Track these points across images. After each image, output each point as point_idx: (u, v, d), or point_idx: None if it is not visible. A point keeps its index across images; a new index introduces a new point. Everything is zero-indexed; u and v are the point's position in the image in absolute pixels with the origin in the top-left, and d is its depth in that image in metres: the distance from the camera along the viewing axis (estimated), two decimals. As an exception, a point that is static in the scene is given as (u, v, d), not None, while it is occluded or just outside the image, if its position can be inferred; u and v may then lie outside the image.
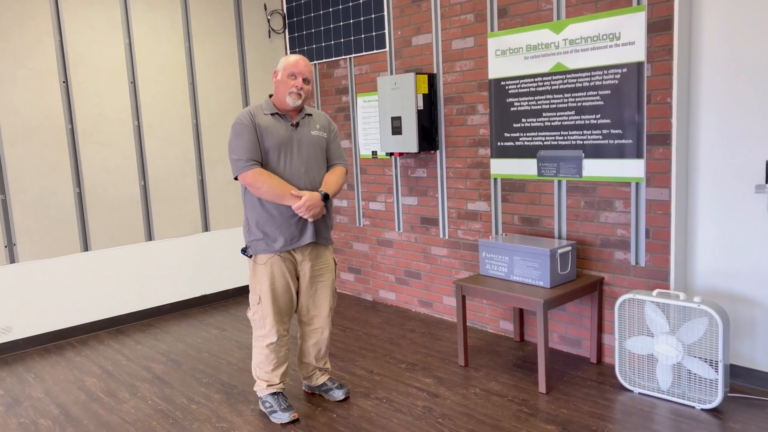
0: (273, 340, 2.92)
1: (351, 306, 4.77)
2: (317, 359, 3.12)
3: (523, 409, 2.95)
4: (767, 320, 2.94)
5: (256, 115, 2.82)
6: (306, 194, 2.79)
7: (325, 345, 3.10)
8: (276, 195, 2.76)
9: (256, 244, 2.87)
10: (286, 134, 2.84)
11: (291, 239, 2.86)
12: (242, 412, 3.09)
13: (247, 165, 2.76)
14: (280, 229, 2.83)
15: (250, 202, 2.87)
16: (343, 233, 5.07)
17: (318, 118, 2.99)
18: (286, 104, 2.84)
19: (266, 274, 2.86)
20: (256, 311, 2.93)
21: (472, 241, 4.06)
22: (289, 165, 2.83)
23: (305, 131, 2.90)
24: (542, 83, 3.53)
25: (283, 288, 2.91)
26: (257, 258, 2.88)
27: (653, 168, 3.14)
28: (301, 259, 2.93)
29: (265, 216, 2.83)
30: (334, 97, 4.95)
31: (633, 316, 3.05)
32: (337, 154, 3.03)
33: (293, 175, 2.83)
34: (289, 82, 2.81)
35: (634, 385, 3.09)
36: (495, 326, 4.02)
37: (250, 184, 2.77)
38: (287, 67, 2.82)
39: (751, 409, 2.82)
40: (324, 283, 3.02)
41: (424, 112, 4.07)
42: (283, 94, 2.83)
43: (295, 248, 2.90)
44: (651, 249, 3.19)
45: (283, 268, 2.88)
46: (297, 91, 2.81)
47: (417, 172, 4.36)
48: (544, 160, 3.58)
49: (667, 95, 3.04)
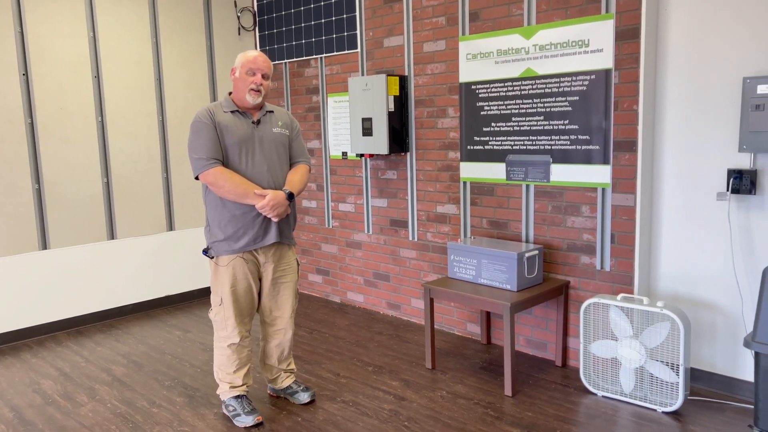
0: (235, 341, 2.87)
1: (319, 308, 4.73)
2: (280, 360, 3.08)
3: (489, 412, 2.96)
4: (727, 325, 3.00)
5: (216, 113, 2.76)
6: (270, 193, 2.74)
7: (288, 346, 3.06)
8: (239, 194, 2.71)
9: (218, 245, 2.81)
10: (247, 132, 2.79)
11: (254, 239, 2.81)
12: (205, 415, 3.02)
13: (208, 164, 2.69)
14: (244, 228, 2.78)
15: (211, 202, 2.80)
16: (311, 234, 5.03)
17: (280, 116, 2.95)
18: (246, 102, 2.79)
19: (228, 276, 2.81)
20: (218, 312, 2.87)
21: (441, 244, 4.07)
22: (252, 163, 2.78)
23: (267, 129, 2.85)
24: (512, 88, 3.55)
25: (245, 290, 2.86)
26: (219, 259, 2.83)
27: (619, 174, 3.18)
28: (264, 261, 2.89)
29: (227, 216, 2.77)
30: (304, 97, 4.90)
31: (598, 320, 3.08)
32: (299, 152, 2.99)
33: (256, 174, 2.78)
34: (248, 79, 2.76)
35: (598, 388, 3.12)
36: (462, 329, 4.03)
37: (211, 183, 2.71)
38: (245, 64, 2.76)
39: (710, 412, 2.88)
40: (287, 284, 2.98)
41: (395, 114, 4.06)
42: (242, 92, 2.78)
43: (258, 249, 2.85)
44: (616, 254, 3.24)
45: (246, 269, 2.83)
46: (256, 87, 2.76)
47: (387, 174, 4.35)
48: (512, 164, 3.61)
49: (633, 102, 3.09)
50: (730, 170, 2.87)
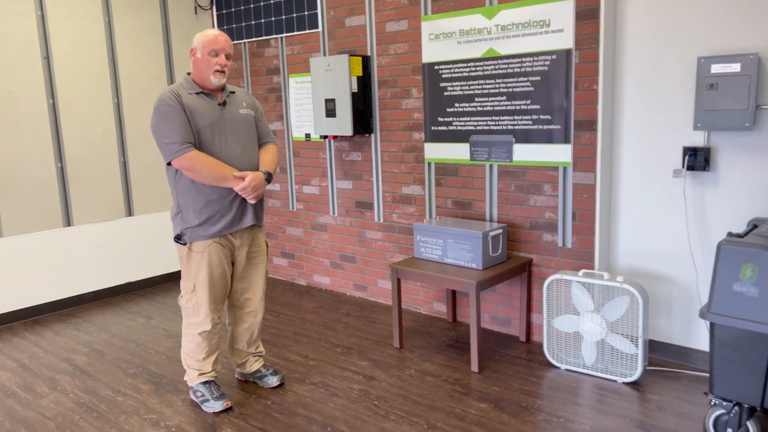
0: (207, 328, 2.83)
1: (284, 291, 4.71)
2: (249, 344, 3.06)
3: (457, 388, 3.02)
4: (683, 298, 3.12)
5: (181, 95, 2.67)
6: (249, 174, 2.71)
7: (258, 329, 3.05)
8: (217, 177, 2.66)
9: (192, 231, 2.74)
10: (216, 114, 2.73)
11: (231, 223, 2.78)
12: (172, 402, 2.99)
13: (183, 148, 2.61)
14: (221, 212, 2.74)
15: (183, 188, 2.72)
16: (276, 217, 4.98)
17: (242, 96, 2.90)
18: (210, 83, 2.72)
19: (204, 262, 2.76)
20: (190, 299, 2.82)
21: (407, 225, 4.09)
22: (225, 146, 2.73)
23: (234, 110, 2.80)
24: (475, 68, 3.57)
25: (221, 275, 2.83)
26: (194, 245, 2.76)
27: (580, 153, 3.25)
28: (239, 244, 2.86)
29: (202, 200, 2.71)
30: (264, 78, 4.82)
31: (560, 296, 3.16)
32: (266, 132, 2.97)
33: (231, 156, 2.73)
34: (212, 60, 2.69)
35: (561, 361, 3.22)
36: (428, 308, 4.08)
37: (188, 168, 2.63)
38: (207, 44, 2.68)
39: (667, 381, 3.00)
40: (258, 265, 2.98)
41: (359, 94, 4.03)
42: (206, 74, 2.70)
43: (235, 232, 2.82)
44: (577, 231, 3.32)
45: (221, 254, 2.80)
46: (221, 68, 2.70)
47: (352, 156, 4.33)
48: (476, 144, 3.64)
49: (593, 82, 3.15)
50: (686, 148, 2.96)
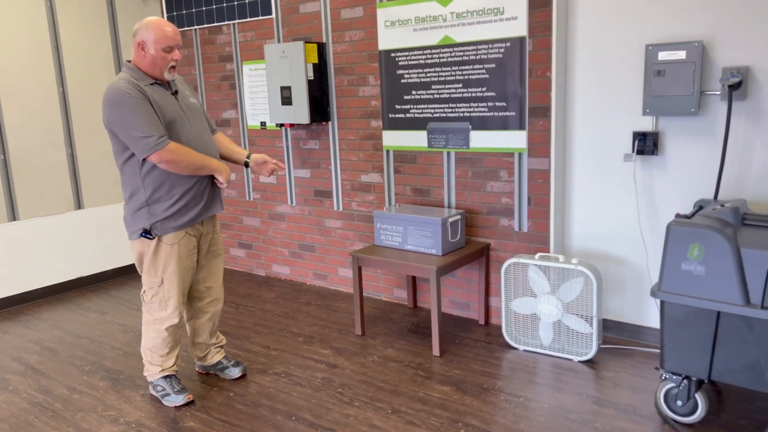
0: (174, 322, 2.78)
1: (243, 282, 4.66)
2: (212, 334, 3.03)
3: (419, 372, 3.06)
4: (634, 278, 3.24)
5: (141, 87, 2.56)
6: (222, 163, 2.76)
7: (218, 318, 3.04)
8: (197, 167, 2.62)
9: (163, 223, 2.66)
10: (174, 104, 2.67)
11: (203, 210, 2.77)
12: (131, 398, 2.93)
13: (161, 141, 2.51)
14: (194, 200, 2.72)
15: (155, 180, 2.62)
16: (232, 208, 4.91)
17: (183, 84, 2.84)
18: (162, 77, 2.64)
19: (174, 255, 2.70)
20: (156, 293, 2.75)
21: (366, 213, 4.10)
22: (190, 135, 2.68)
23: (185, 98, 2.76)
24: (431, 56, 3.59)
25: (189, 266, 2.79)
26: (164, 238, 2.69)
27: (534, 139, 3.32)
28: (205, 232, 2.85)
29: (179, 191, 2.65)
30: (217, 65, 4.72)
31: (517, 279, 3.24)
32: (210, 120, 2.97)
33: (199, 144, 2.70)
34: (167, 57, 2.60)
35: (519, 343, 3.30)
36: (389, 294, 4.11)
37: (168, 160, 2.53)
38: (159, 40, 2.56)
39: (620, 358, 3.12)
40: (218, 252, 2.97)
41: (315, 82, 4.00)
42: (160, 69, 2.61)
43: (204, 220, 2.81)
44: (533, 215, 3.40)
45: (190, 245, 2.76)
46: (176, 64, 2.65)
47: (309, 144, 4.30)
48: (433, 132, 3.67)
49: (546, 69, 3.21)
50: (635, 133, 3.06)
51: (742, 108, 2.80)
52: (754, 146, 2.80)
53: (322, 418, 2.67)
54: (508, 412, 2.66)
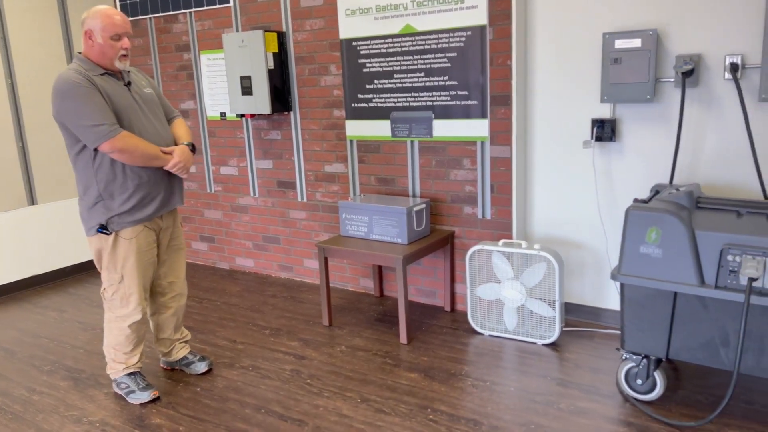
0: (137, 318, 2.73)
1: (206, 276, 4.59)
2: (176, 329, 2.99)
3: (388, 360, 3.08)
4: (594, 261, 3.33)
5: (90, 77, 2.51)
6: (176, 149, 2.65)
7: (182, 314, 3.01)
8: (149, 157, 2.56)
9: (119, 218, 2.60)
10: (125, 94, 2.61)
11: (162, 204, 2.70)
12: (94, 396, 2.87)
13: (113, 130, 2.45)
14: (152, 194, 2.65)
15: (107, 173, 2.55)
16: (192, 200, 4.82)
17: (138, 75, 2.79)
18: (115, 67, 2.58)
19: (132, 250, 2.64)
20: (117, 290, 2.69)
21: (331, 203, 4.08)
22: (142, 126, 2.62)
23: (139, 89, 2.70)
24: (392, 44, 3.58)
25: (149, 261, 2.73)
26: (122, 233, 2.63)
27: (496, 127, 3.35)
28: (165, 226, 2.79)
29: (133, 184, 2.59)
30: (174, 55, 4.61)
31: (482, 266, 3.29)
32: (170, 108, 2.91)
33: (151, 135, 2.64)
34: (116, 45, 2.53)
35: (485, 328, 3.35)
36: (356, 284, 4.11)
37: (120, 149, 2.47)
38: (107, 28, 2.50)
39: (582, 340, 3.20)
40: (180, 246, 2.92)
41: (276, 71, 3.95)
42: (110, 59, 2.55)
43: (163, 214, 2.74)
44: (496, 203, 3.44)
45: (149, 239, 2.71)
46: (126, 52, 2.58)
47: (271, 135, 4.25)
48: (396, 121, 3.67)
49: (507, 58, 3.24)
50: (594, 120, 3.13)
51: (694, 94, 2.89)
52: (706, 131, 2.90)
53: (291, 410, 2.67)
54: (475, 397, 2.70)
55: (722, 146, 2.87)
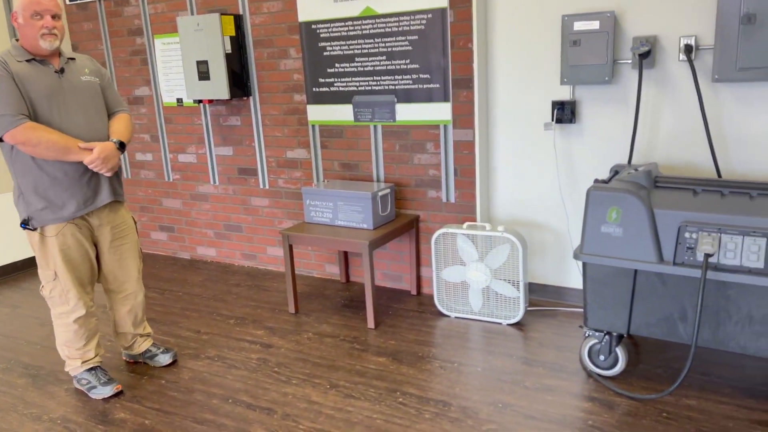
0: (81, 313, 2.64)
1: (166, 266, 4.49)
2: (135, 326, 2.91)
3: (355, 346, 3.08)
4: (555, 242, 3.39)
5: (8, 63, 2.39)
6: (97, 145, 2.48)
7: (141, 310, 2.90)
8: (60, 151, 2.40)
9: (40, 214, 2.50)
10: (52, 82, 2.47)
11: (85, 202, 2.55)
12: (54, 393, 2.78)
13: (16, 120, 2.34)
14: (70, 191, 2.50)
15: (22, 166, 2.46)
16: (150, 189, 4.70)
17: (83, 62, 2.64)
18: (41, 49, 2.45)
19: (58, 246, 2.54)
20: (54, 287, 2.60)
21: (294, 190, 4.03)
22: (66, 116, 2.48)
23: (74, 77, 2.55)
24: (353, 27, 3.54)
25: (82, 257, 2.62)
26: (45, 230, 2.53)
27: (459, 110, 3.36)
28: (98, 224, 2.65)
29: (46, 180, 2.47)
30: (126, 39, 4.45)
31: (447, 249, 3.31)
32: (116, 101, 2.73)
33: (73, 128, 2.49)
34: (36, 24, 2.41)
35: (451, 310, 3.38)
36: (321, 271, 4.09)
37: (22, 142, 2.35)
38: (27, 6, 2.40)
39: (546, 319, 3.26)
40: (126, 245, 2.78)
41: (233, 56, 3.86)
42: (33, 39, 2.42)
43: (91, 212, 2.61)
44: (459, 186, 3.46)
45: (79, 236, 2.58)
46: (49, 31, 2.42)
47: (230, 120, 4.16)
48: (359, 105, 3.64)
49: (468, 41, 3.24)
50: (554, 102, 3.16)
51: (651, 75, 2.94)
52: (663, 112, 2.96)
53: (259, 399, 2.64)
54: (443, 378, 2.73)
55: (678, 126, 2.95)
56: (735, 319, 2.34)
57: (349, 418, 2.47)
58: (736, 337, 2.36)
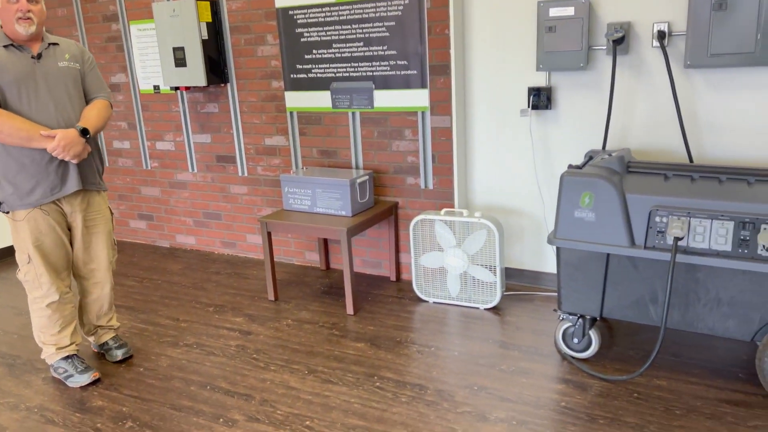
0: (54, 299, 2.64)
1: (146, 255, 4.47)
2: (99, 317, 2.89)
3: (334, 332, 3.10)
4: (532, 227, 3.42)
5: None
6: (59, 132, 2.46)
7: (108, 301, 2.88)
8: (22, 137, 2.41)
9: (10, 198, 2.52)
10: (25, 68, 2.46)
11: (51, 189, 2.54)
12: (31, 382, 2.77)
13: None
14: (36, 178, 2.50)
15: None
16: (128, 178, 4.66)
17: (67, 47, 2.62)
18: (18, 34, 2.44)
19: (29, 231, 2.55)
20: (28, 271, 2.61)
21: (273, 177, 4.02)
22: (35, 103, 2.47)
23: (51, 63, 2.53)
24: (330, 13, 3.52)
25: (54, 242, 2.61)
26: (15, 214, 2.54)
27: (436, 97, 3.37)
28: (70, 210, 2.64)
29: (13, 165, 2.47)
30: (101, 26, 4.39)
31: (425, 235, 3.33)
32: (96, 87, 2.70)
33: (41, 114, 2.48)
34: (11, 8, 2.41)
35: (429, 296, 3.41)
36: (301, 258, 4.10)
37: None
38: None
39: (522, 303, 3.31)
40: (99, 234, 2.77)
41: (210, 42, 3.82)
42: (10, 23, 2.42)
43: (60, 198, 2.60)
44: (437, 173, 3.48)
45: (50, 220, 2.58)
46: (24, 15, 2.41)
47: (208, 108, 4.13)
48: (337, 92, 3.63)
49: (445, 27, 3.24)
50: (530, 88, 3.18)
51: (625, 61, 2.97)
52: (637, 98, 3.00)
53: (238, 385, 2.66)
54: (420, 362, 2.76)
55: (652, 112, 2.98)
56: (704, 302, 2.39)
57: (326, 402, 2.49)
58: (704, 319, 2.41)
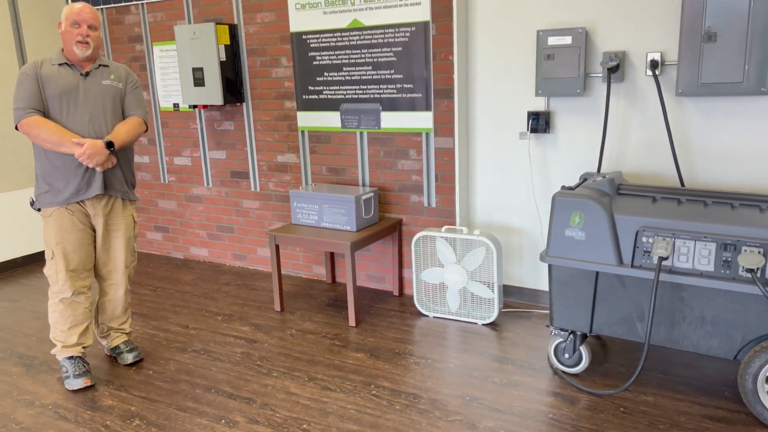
0: (66, 295, 2.84)
1: (161, 266, 4.65)
2: (112, 318, 3.06)
3: (336, 342, 3.22)
4: (531, 246, 3.53)
5: (42, 65, 2.74)
6: (88, 141, 2.70)
7: (122, 305, 3.05)
8: (54, 142, 2.68)
9: (42, 196, 2.80)
10: (72, 83, 2.76)
11: (77, 191, 2.79)
12: (47, 381, 2.93)
13: (25, 113, 2.68)
14: (66, 180, 2.77)
15: (37, 153, 2.80)
16: (147, 191, 4.86)
17: (115, 69, 2.92)
18: (75, 55, 2.77)
19: (54, 227, 2.80)
20: (50, 267, 2.85)
21: (284, 193, 4.19)
22: (73, 114, 2.75)
23: (96, 80, 2.83)
24: (341, 38, 3.70)
25: (78, 241, 2.83)
26: (44, 211, 2.82)
27: (440, 119, 3.51)
28: (93, 213, 2.87)
29: (49, 167, 2.77)
30: (126, 46, 4.63)
31: (427, 251, 3.45)
32: (134, 105, 2.94)
33: (76, 124, 2.75)
34: (73, 32, 2.74)
35: (430, 310, 3.52)
36: (308, 272, 4.24)
37: (27, 132, 2.69)
38: (69, 16, 2.74)
39: (520, 320, 3.40)
40: (118, 238, 2.96)
41: (228, 63, 4.02)
42: (70, 45, 2.76)
43: (86, 201, 2.83)
44: (440, 191, 3.61)
45: (74, 220, 2.81)
46: (83, 39, 2.74)
47: (224, 125, 4.32)
48: (346, 113, 3.80)
49: (449, 53, 3.40)
50: (530, 112, 3.31)
51: (620, 89, 3.09)
52: (631, 123, 3.11)
53: (241, 389, 2.78)
54: (416, 373, 2.87)
55: (645, 137, 3.09)
56: (689, 320, 2.48)
57: (324, 408, 2.61)
58: (690, 337, 2.50)
